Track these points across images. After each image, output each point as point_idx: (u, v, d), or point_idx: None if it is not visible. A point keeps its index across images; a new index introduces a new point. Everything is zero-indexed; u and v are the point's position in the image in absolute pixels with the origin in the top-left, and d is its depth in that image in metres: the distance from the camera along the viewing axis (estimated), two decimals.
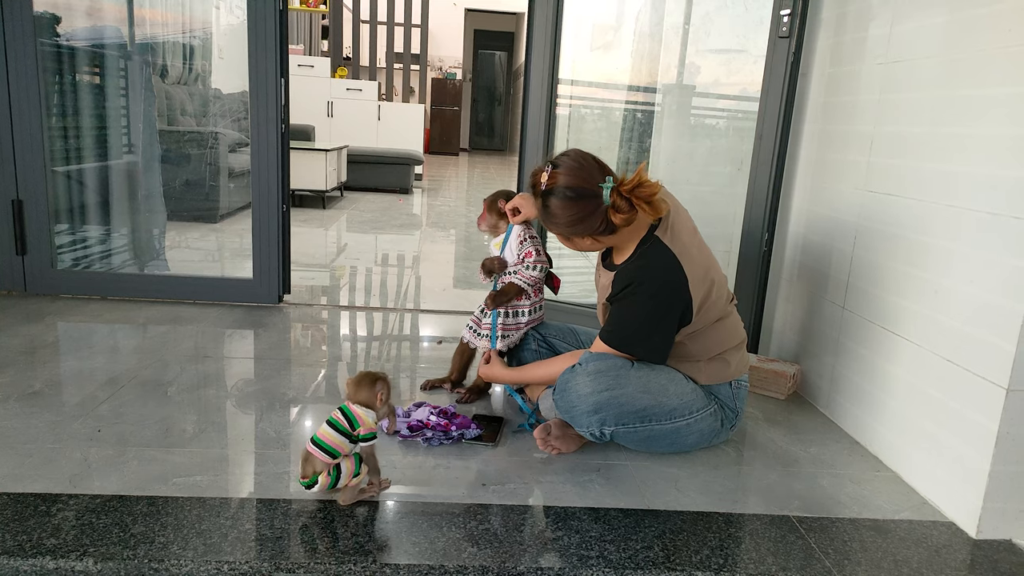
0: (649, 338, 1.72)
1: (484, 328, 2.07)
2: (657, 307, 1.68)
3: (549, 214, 1.66)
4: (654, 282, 1.68)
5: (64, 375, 2.10)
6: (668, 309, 1.68)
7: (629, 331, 1.73)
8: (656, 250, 1.69)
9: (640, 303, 1.69)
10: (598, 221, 1.61)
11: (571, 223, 1.64)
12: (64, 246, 3.08)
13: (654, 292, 1.68)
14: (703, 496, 1.66)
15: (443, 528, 1.45)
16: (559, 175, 1.62)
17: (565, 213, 1.63)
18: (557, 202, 1.62)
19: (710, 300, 1.72)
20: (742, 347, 1.85)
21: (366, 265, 4.12)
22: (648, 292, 1.68)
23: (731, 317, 1.82)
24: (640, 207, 1.57)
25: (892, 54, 1.94)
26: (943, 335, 1.68)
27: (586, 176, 1.61)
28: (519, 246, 2.01)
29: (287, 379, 2.19)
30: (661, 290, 1.68)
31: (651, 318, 1.70)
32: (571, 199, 1.61)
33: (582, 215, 1.62)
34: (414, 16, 9.37)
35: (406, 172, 7.28)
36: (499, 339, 2.04)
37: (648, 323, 1.70)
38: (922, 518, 1.63)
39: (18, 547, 1.29)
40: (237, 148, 4.53)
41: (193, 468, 1.61)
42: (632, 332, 1.72)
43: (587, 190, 1.60)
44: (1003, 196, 1.52)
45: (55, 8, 3.05)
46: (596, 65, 3.19)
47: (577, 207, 1.61)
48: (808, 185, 2.36)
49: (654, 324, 1.70)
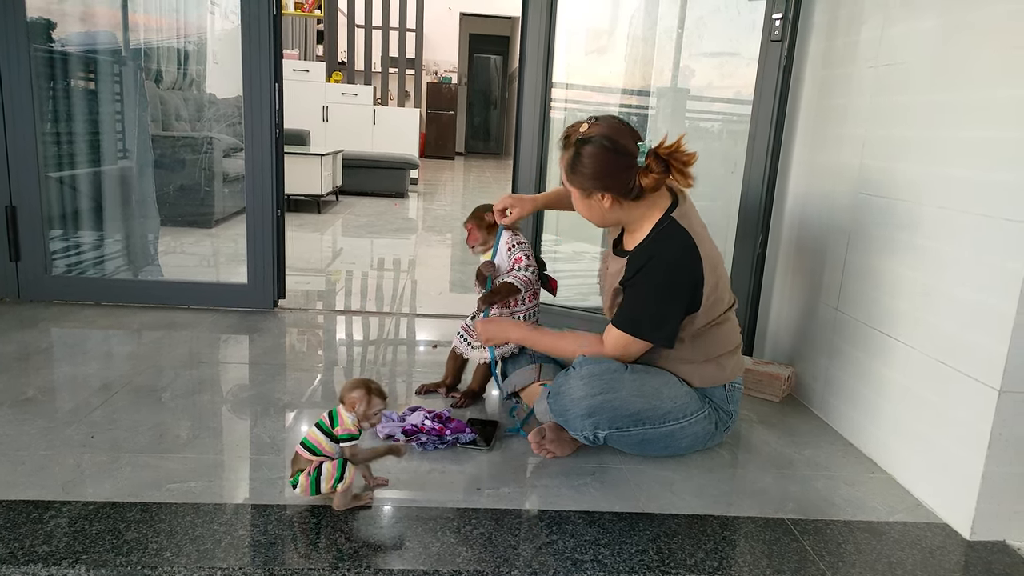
0: (663, 321, 1.69)
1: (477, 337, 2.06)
2: (671, 286, 1.67)
3: (579, 163, 1.66)
4: (671, 259, 1.68)
5: (57, 381, 2.09)
6: (682, 289, 1.67)
7: (642, 314, 1.70)
8: (673, 229, 1.69)
9: (655, 282, 1.67)
10: (627, 180, 1.64)
11: (599, 175, 1.65)
12: (58, 252, 3.08)
13: (670, 269, 1.67)
14: (698, 499, 1.66)
15: (438, 532, 1.44)
16: (599, 126, 1.65)
17: (597, 163, 1.64)
18: (592, 150, 1.64)
19: (716, 294, 1.72)
20: (737, 352, 1.86)
21: (361, 269, 4.12)
22: (664, 268, 1.67)
23: (730, 322, 1.82)
24: (676, 170, 1.62)
25: (883, 58, 1.95)
26: (936, 337, 1.69)
27: (625, 134, 1.65)
28: (508, 252, 2.01)
29: (282, 384, 2.19)
30: (678, 266, 1.67)
31: (665, 298, 1.68)
32: (607, 149, 1.63)
33: (613, 169, 1.64)
34: (409, 20, 9.37)
35: (402, 176, 7.28)
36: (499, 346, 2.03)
37: (662, 303, 1.68)
38: (916, 520, 1.64)
39: (10, 554, 1.28)
40: (232, 153, 4.53)
41: (187, 474, 1.60)
42: (645, 315, 1.70)
43: (624, 146, 1.64)
44: (995, 198, 1.53)
45: (49, 14, 3.04)
46: (590, 69, 3.20)
47: (610, 159, 1.64)
48: (801, 188, 2.37)
49: (667, 304, 1.68)
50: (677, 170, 1.63)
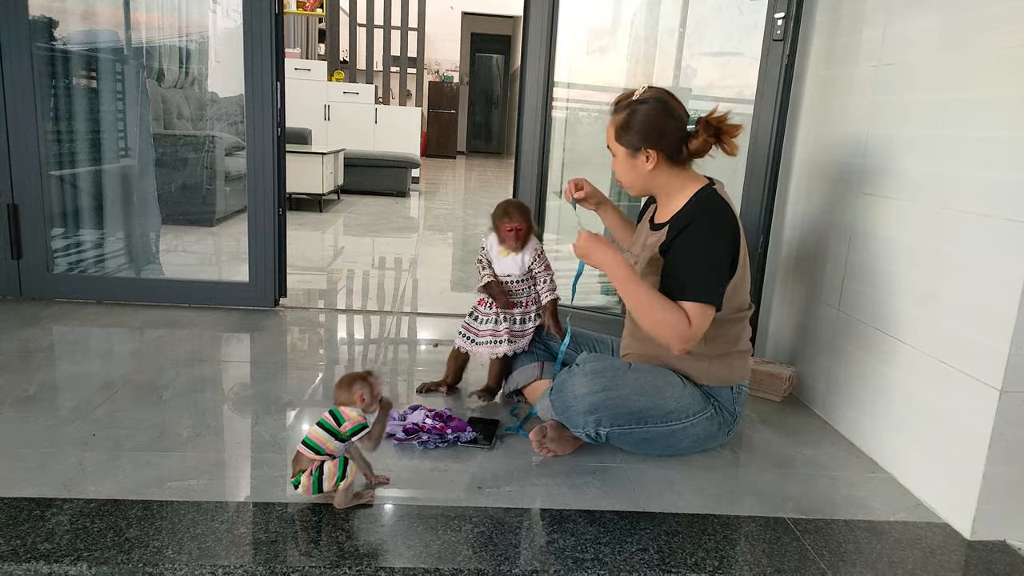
0: (718, 283, 1.66)
1: (483, 335, 2.06)
2: (719, 247, 1.66)
3: (633, 119, 1.71)
4: (717, 221, 1.69)
5: (59, 379, 2.10)
6: (728, 250, 1.67)
7: (703, 278, 1.65)
8: (716, 199, 1.73)
9: (704, 238, 1.67)
10: (675, 140, 1.71)
11: (652, 131, 1.70)
12: (59, 250, 3.08)
13: (717, 230, 1.68)
14: (698, 498, 1.66)
15: (439, 531, 1.45)
16: (654, 91, 1.73)
17: (651, 119, 1.70)
18: (646, 108, 1.71)
19: (742, 277, 1.73)
20: (747, 355, 1.85)
21: (363, 268, 4.12)
22: (711, 223, 1.68)
23: (744, 323, 1.82)
24: (727, 135, 1.69)
25: (885, 57, 1.95)
26: (937, 337, 1.69)
27: (678, 102, 1.74)
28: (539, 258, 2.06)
29: (283, 383, 2.19)
30: (723, 224, 1.68)
31: (715, 259, 1.66)
32: (661, 110, 1.70)
33: (665, 128, 1.70)
34: (411, 20, 9.37)
35: (403, 175, 7.28)
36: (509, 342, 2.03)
37: (714, 266, 1.66)
38: (917, 519, 1.64)
39: (12, 552, 1.28)
40: (233, 151, 4.53)
41: (188, 472, 1.61)
42: (704, 279, 1.65)
43: (677, 110, 1.72)
44: (996, 198, 1.53)
45: (51, 12, 3.04)
46: (592, 68, 3.20)
47: (664, 118, 1.70)
48: (803, 187, 2.37)
49: (718, 267, 1.66)
50: (727, 137, 1.69)
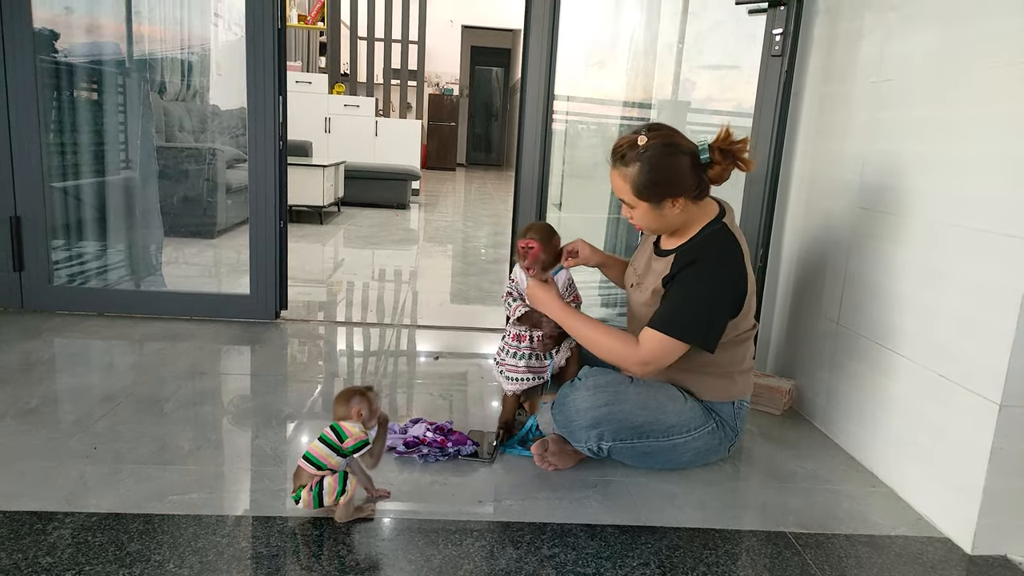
0: (712, 324, 1.66)
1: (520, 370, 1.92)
2: (724, 287, 1.66)
3: (650, 176, 1.63)
4: (724, 259, 1.67)
5: (60, 392, 2.10)
6: (732, 291, 1.67)
7: (691, 315, 1.66)
8: (725, 233, 1.71)
9: (708, 281, 1.66)
10: (694, 180, 1.66)
11: (672, 181, 1.64)
12: (61, 262, 3.09)
13: (723, 269, 1.67)
14: (699, 512, 1.66)
15: (439, 545, 1.44)
16: (659, 136, 1.64)
17: (665, 170, 1.63)
18: (658, 157, 1.62)
19: (748, 307, 1.73)
20: (749, 373, 1.85)
21: (363, 280, 4.13)
22: (718, 268, 1.66)
23: (748, 343, 1.82)
24: (740, 158, 1.65)
25: (884, 73, 1.97)
26: (936, 350, 1.69)
27: (680, 135, 1.67)
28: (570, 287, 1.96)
29: (284, 396, 2.19)
30: (731, 268, 1.67)
31: (716, 299, 1.66)
32: (673, 154, 1.64)
33: (680, 167, 1.64)
34: (411, 33, 9.42)
35: (403, 187, 7.30)
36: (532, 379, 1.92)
37: (713, 305, 1.66)
38: (918, 534, 1.64)
39: (13, 566, 1.28)
40: (235, 164, 4.55)
41: (189, 486, 1.61)
42: (694, 316, 1.65)
43: (685, 147, 1.65)
44: (993, 214, 1.54)
45: (54, 24, 3.06)
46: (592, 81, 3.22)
47: (679, 163, 1.64)
48: (802, 201, 2.38)
49: (718, 306, 1.66)
50: (740, 159, 1.66)
